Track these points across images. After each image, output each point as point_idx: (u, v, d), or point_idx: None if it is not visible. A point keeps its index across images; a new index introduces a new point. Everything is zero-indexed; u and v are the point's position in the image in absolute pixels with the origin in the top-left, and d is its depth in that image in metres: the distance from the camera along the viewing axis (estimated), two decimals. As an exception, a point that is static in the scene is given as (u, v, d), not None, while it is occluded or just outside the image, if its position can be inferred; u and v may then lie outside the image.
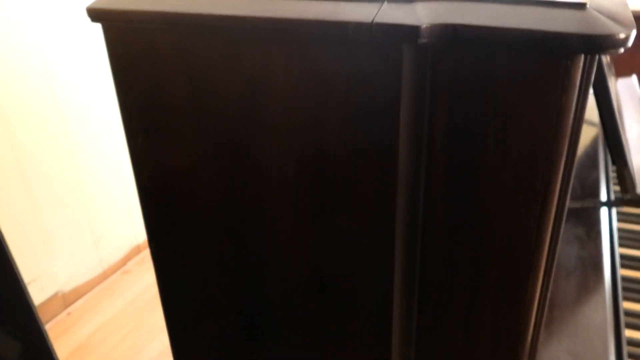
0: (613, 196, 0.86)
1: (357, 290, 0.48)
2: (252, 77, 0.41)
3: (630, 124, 0.96)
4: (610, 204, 0.82)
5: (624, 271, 0.87)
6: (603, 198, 0.84)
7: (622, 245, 0.94)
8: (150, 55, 0.44)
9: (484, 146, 0.39)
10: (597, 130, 1.13)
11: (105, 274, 2.15)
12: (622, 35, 0.32)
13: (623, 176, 0.72)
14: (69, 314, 2.00)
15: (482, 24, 0.35)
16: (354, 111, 0.40)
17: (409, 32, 0.35)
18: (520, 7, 0.36)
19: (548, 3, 0.36)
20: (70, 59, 1.82)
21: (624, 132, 0.95)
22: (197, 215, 0.51)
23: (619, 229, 0.98)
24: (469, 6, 0.37)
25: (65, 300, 2.01)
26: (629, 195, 0.74)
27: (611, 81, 1.08)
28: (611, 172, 0.95)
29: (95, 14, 0.43)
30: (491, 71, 0.36)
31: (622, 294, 0.81)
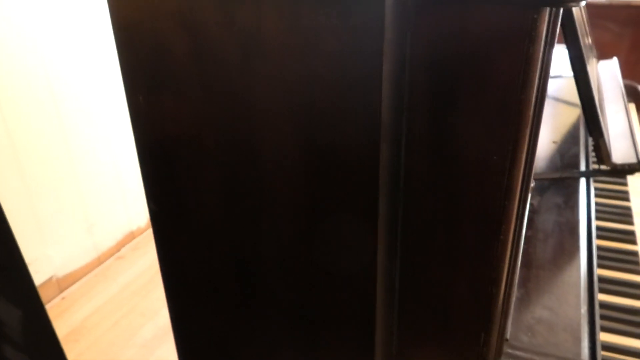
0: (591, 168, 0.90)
1: (343, 244, 0.51)
2: (246, 33, 0.45)
3: (609, 102, 1.00)
4: (587, 174, 0.86)
5: (600, 241, 0.91)
6: (582, 169, 0.88)
7: (599, 218, 0.98)
8: (150, 15, 0.47)
9: (460, 96, 0.42)
10: (579, 111, 1.17)
11: (99, 260, 2.17)
12: (583, -11, 0.35)
13: (599, 147, 0.76)
14: (63, 298, 2.03)
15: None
16: (340, 66, 0.43)
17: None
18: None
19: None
20: (65, 47, 1.84)
21: (603, 109, 0.99)
22: (198, 171, 0.54)
23: (597, 203, 1.02)
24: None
25: (60, 284, 2.04)
26: (605, 165, 0.78)
27: (592, 62, 1.12)
28: (590, 148, 0.99)
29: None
30: (466, 26, 0.40)
31: (597, 261, 0.85)
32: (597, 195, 1.07)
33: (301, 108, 0.46)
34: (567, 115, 1.14)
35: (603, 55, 1.53)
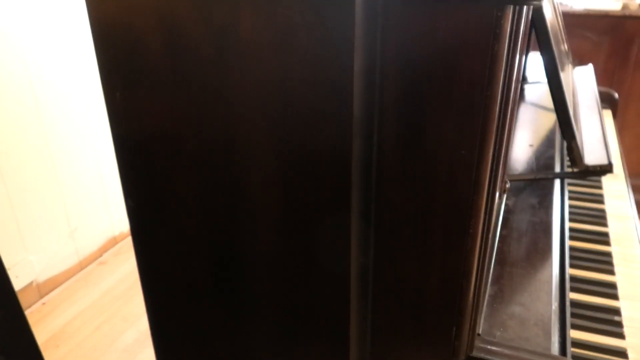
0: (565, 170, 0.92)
1: (317, 239, 0.52)
2: (223, 30, 0.46)
3: (584, 107, 1.03)
4: (561, 175, 0.88)
5: (574, 242, 0.93)
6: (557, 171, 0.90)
7: (574, 220, 1.00)
8: (127, 12, 0.48)
9: (429, 93, 0.43)
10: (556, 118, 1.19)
11: (81, 265, 2.15)
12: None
13: (572, 149, 0.78)
14: (44, 303, 2.01)
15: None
16: (314, 63, 0.44)
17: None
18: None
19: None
20: (48, 51, 1.83)
21: (578, 113, 1.01)
22: (175, 167, 0.55)
23: (572, 206, 1.04)
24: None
25: (40, 290, 2.02)
26: (578, 167, 0.80)
27: (568, 68, 1.15)
28: (565, 150, 1.01)
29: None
30: (433, 25, 0.41)
31: (571, 261, 0.87)
32: (573, 198, 1.09)
33: (276, 104, 0.47)
34: (544, 120, 1.16)
35: (582, 63, 1.56)
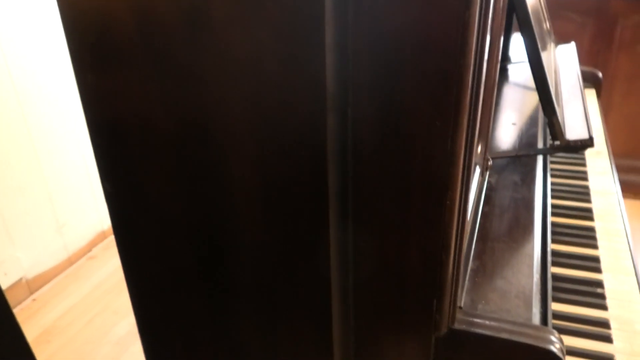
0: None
1: (296, 218, 0.52)
2: (193, 7, 0.45)
3: (566, 84, 1.03)
4: (542, 151, 0.88)
5: (558, 219, 0.93)
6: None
7: (559, 197, 1.00)
8: (96, -8, 0.47)
9: (402, 63, 0.43)
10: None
11: (70, 260, 2.14)
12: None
13: (553, 124, 0.78)
14: (34, 300, 1.99)
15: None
16: (285, 35, 0.43)
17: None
18: None
19: None
20: (28, 45, 1.81)
21: (559, 90, 1.01)
22: (151, 149, 0.54)
23: (557, 183, 1.05)
24: None
25: (30, 286, 2.00)
26: (560, 142, 0.80)
27: (550, 46, 1.15)
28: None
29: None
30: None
31: (555, 237, 0.87)
32: (558, 176, 1.09)
33: (249, 81, 0.47)
34: (528, 99, 1.16)
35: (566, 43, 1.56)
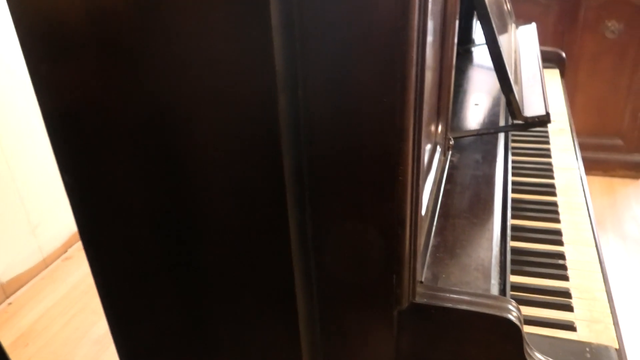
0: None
1: (254, 200, 0.52)
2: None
3: (526, 63, 1.05)
4: (501, 129, 0.90)
5: (521, 195, 0.96)
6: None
7: (522, 174, 1.03)
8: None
9: (349, 42, 0.44)
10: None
11: (45, 262, 2.12)
12: None
13: (510, 102, 0.80)
14: (10, 303, 1.97)
15: None
16: (231, 14, 0.44)
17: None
18: None
19: None
20: (-10, 41, 1.78)
21: (519, 70, 1.03)
22: (108, 137, 0.54)
23: (520, 161, 1.07)
24: None
25: (5, 290, 1.98)
26: (518, 120, 0.82)
27: (511, 27, 1.16)
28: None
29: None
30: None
31: (518, 212, 0.89)
32: (522, 154, 1.12)
33: (201, 64, 0.47)
34: (491, 80, 1.18)
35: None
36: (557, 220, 0.91)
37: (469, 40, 1.34)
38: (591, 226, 0.90)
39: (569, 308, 0.73)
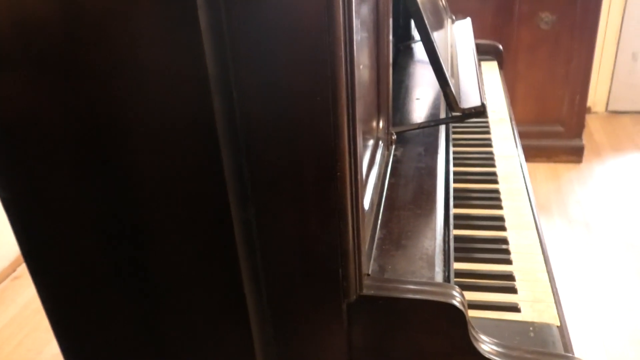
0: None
1: (197, 192, 0.52)
2: (69, 3, 0.45)
3: (462, 57, 1.08)
4: (441, 121, 0.93)
5: (463, 184, 0.99)
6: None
7: (464, 164, 1.06)
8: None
9: (276, 45, 0.45)
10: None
11: (-7, 283, 2.04)
12: None
13: (447, 95, 0.82)
14: (-43, 329, 1.89)
15: None
16: (159, 17, 0.44)
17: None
18: None
19: None
20: None
21: (456, 63, 1.07)
22: (45, 149, 0.53)
23: (462, 152, 1.11)
24: None
25: (-49, 315, 1.90)
26: (456, 111, 0.85)
27: (446, 22, 1.20)
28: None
29: None
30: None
31: (460, 202, 0.92)
32: (464, 145, 1.15)
33: (133, 71, 0.47)
34: (432, 75, 1.21)
35: (473, 21, 1.63)
36: (500, 207, 0.94)
37: (409, 37, 1.37)
38: (532, 210, 0.94)
39: (513, 290, 0.76)
